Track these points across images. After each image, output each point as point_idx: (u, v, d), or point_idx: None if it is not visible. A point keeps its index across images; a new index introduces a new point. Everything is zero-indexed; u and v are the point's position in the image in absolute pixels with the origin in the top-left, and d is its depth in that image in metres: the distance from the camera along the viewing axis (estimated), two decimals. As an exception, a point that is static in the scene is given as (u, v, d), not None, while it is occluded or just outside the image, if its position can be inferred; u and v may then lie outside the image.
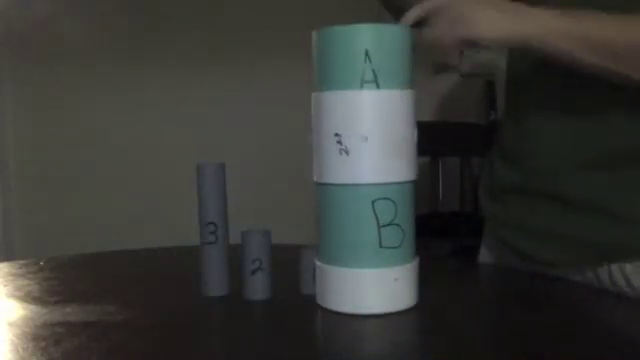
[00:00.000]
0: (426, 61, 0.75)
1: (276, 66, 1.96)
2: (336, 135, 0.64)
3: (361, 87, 0.64)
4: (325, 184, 0.67)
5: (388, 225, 0.65)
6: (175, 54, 1.95)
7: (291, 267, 0.75)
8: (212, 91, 1.98)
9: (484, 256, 0.97)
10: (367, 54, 0.64)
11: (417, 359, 0.57)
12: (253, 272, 0.71)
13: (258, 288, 0.71)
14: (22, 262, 0.91)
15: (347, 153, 0.64)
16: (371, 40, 0.64)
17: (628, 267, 0.77)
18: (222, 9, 1.95)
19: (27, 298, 0.73)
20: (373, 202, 0.64)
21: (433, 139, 1.12)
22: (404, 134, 0.66)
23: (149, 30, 1.94)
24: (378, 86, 0.64)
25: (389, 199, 0.65)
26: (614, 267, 0.78)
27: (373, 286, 0.66)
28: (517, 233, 0.86)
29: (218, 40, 1.94)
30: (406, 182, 0.66)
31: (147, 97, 1.97)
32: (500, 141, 0.91)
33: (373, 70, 0.64)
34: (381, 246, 0.65)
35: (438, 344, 0.59)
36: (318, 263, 0.69)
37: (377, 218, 0.64)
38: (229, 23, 1.95)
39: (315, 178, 0.68)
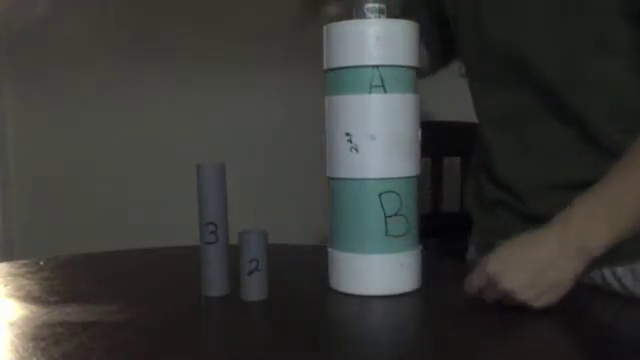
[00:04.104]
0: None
1: (276, 66, 1.96)
2: (347, 134, 0.71)
3: (370, 92, 0.70)
4: (336, 178, 0.73)
5: (393, 215, 0.71)
6: (175, 54, 1.94)
7: (290, 267, 0.75)
8: (212, 91, 1.98)
9: (472, 255, 0.97)
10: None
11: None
12: (250, 272, 0.71)
13: (255, 288, 0.71)
14: (22, 262, 0.91)
15: (357, 150, 0.71)
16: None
17: (620, 270, 0.78)
18: (222, 9, 1.95)
19: (27, 298, 0.73)
20: (380, 195, 0.71)
21: (434, 139, 1.12)
22: (408, 134, 0.72)
23: (149, 30, 1.94)
24: (385, 90, 0.70)
25: (394, 192, 0.71)
26: (606, 271, 0.78)
27: (380, 270, 0.72)
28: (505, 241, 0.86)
29: (218, 40, 1.94)
30: (410, 177, 0.73)
31: (147, 97, 1.97)
32: (479, 155, 0.91)
33: (380, 76, 0.70)
34: (387, 234, 0.71)
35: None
36: (330, 250, 0.75)
37: (383, 209, 0.71)
38: (229, 23, 1.95)
39: (327, 173, 0.75)
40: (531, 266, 0.66)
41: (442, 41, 0.96)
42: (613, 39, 0.73)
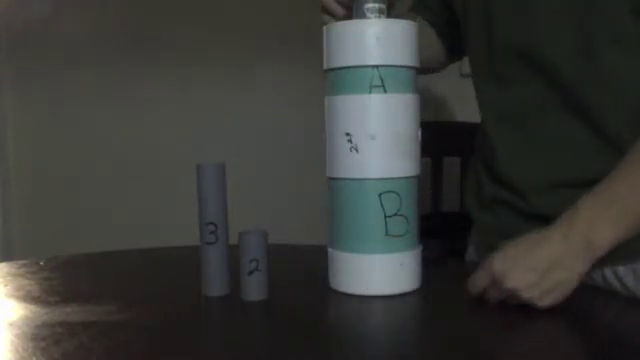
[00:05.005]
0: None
1: (276, 66, 1.96)
2: (347, 134, 0.71)
3: (370, 92, 0.70)
4: (336, 178, 0.73)
5: (393, 215, 0.71)
6: (175, 54, 1.94)
7: (290, 267, 0.75)
8: (212, 91, 1.98)
9: (471, 255, 0.97)
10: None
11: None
12: (250, 272, 0.71)
13: (255, 288, 0.71)
14: (22, 262, 0.91)
15: (356, 150, 0.71)
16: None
17: (621, 269, 0.78)
18: (222, 9, 1.95)
19: (27, 298, 0.73)
20: (380, 195, 0.71)
21: (434, 139, 1.13)
22: (408, 134, 0.72)
23: (149, 30, 1.94)
24: (385, 90, 0.70)
25: (394, 192, 0.71)
26: (607, 270, 0.78)
27: (380, 270, 0.72)
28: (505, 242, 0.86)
29: (218, 40, 1.94)
30: (410, 177, 0.73)
31: (147, 97, 1.96)
32: (481, 154, 0.91)
33: (380, 76, 0.70)
34: (387, 234, 0.71)
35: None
36: (330, 250, 0.75)
37: (383, 209, 0.71)
38: (229, 23, 1.95)
39: (327, 173, 0.74)
40: (537, 265, 0.66)
41: (454, 29, 0.95)
42: (630, 37, 0.73)
